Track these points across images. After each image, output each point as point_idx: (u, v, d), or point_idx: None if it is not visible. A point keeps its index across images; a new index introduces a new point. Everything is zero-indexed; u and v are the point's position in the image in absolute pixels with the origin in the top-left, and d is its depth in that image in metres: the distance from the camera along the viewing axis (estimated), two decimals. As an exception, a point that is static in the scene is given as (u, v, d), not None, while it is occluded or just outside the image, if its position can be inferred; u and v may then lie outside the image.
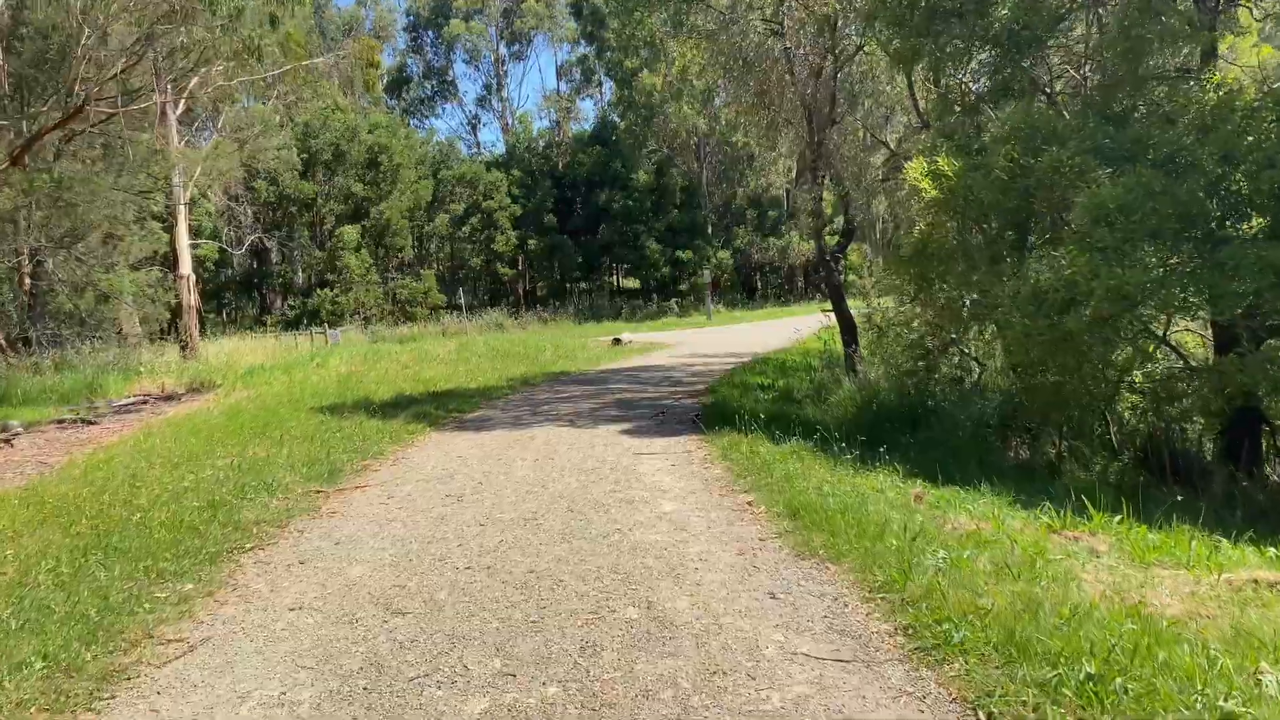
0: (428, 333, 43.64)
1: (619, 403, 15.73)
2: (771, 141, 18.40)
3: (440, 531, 7.55)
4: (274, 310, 50.72)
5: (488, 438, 12.49)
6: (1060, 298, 9.07)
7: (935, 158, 11.09)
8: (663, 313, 50.29)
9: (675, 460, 10.29)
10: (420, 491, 9.22)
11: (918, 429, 10.98)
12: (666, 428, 12.73)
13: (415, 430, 13.32)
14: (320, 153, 47.78)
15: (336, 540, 7.50)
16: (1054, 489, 9.05)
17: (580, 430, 12.77)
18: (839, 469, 9.33)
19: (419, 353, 27.56)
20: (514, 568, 6.43)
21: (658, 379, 19.79)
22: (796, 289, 61.42)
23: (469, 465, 10.52)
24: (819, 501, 7.58)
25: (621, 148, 53.65)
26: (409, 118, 64.10)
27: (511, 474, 9.88)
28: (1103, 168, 9.69)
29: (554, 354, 26.54)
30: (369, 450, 11.76)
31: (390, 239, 48.70)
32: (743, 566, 6.25)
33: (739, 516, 7.65)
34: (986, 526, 7.10)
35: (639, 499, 8.42)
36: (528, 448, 11.51)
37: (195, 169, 28.66)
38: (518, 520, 7.79)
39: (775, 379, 18.46)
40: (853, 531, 6.66)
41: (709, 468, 9.82)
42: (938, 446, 10.33)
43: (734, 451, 10.39)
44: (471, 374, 21.47)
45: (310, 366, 25.07)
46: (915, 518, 7.25)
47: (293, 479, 9.90)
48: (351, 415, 14.75)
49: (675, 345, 30.28)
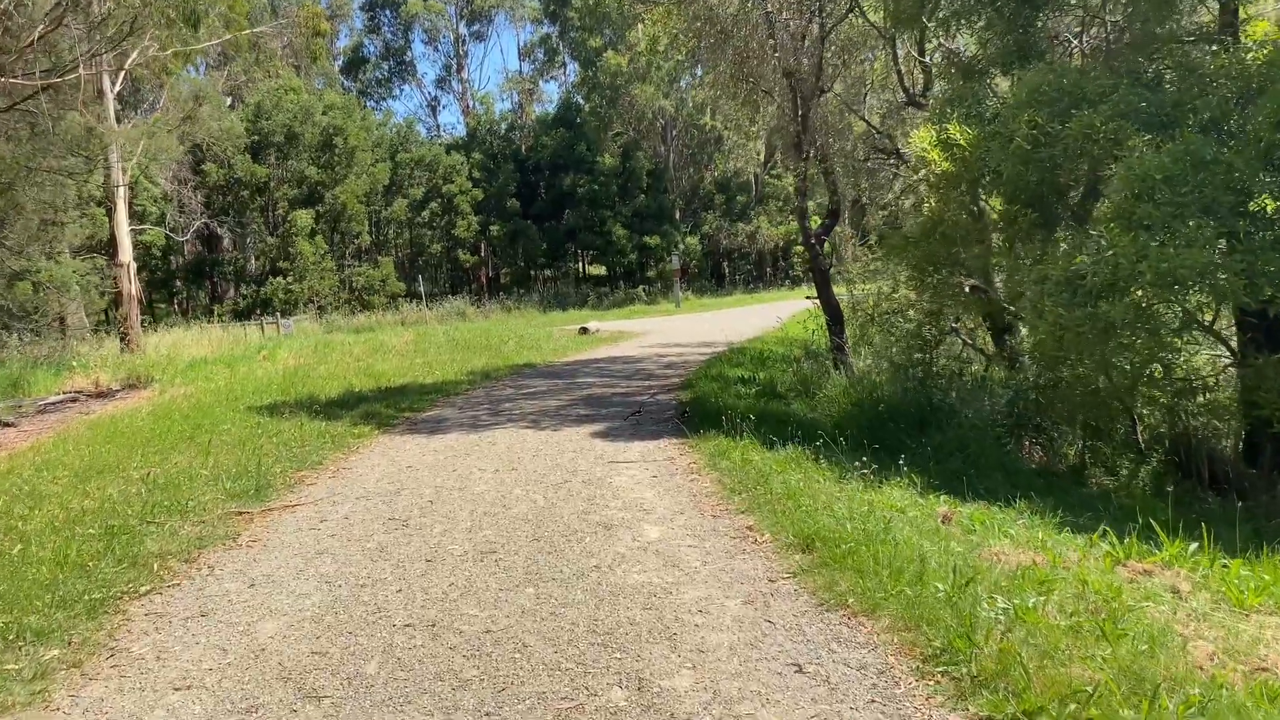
0: (385, 322, 41.99)
1: (588, 400, 14.42)
2: (751, 116, 17.15)
3: (378, 570, 6.21)
4: (225, 299, 48.72)
5: (442, 443, 11.14)
6: (1100, 282, 7.89)
7: (945, 125, 9.87)
8: (630, 300, 48.85)
9: (656, 470, 9.01)
10: (359, 513, 7.87)
11: (926, 430, 9.78)
12: (643, 429, 11.45)
13: (361, 434, 11.95)
14: (272, 134, 45.81)
15: (252, 581, 6.15)
16: (1094, 502, 7.88)
17: (547, 433, 11.46)
18: (846, 481, 8.09)
19: (374, 344, 26.03)
20: (466, 625, 5.12)
21: (629, 372, 18.49)
22: (765, 276, 60.24)
23: (419, 478, 9.17)
24: (834, 528, 6.33)
25: (586, 130, 52.06)
26: (365, 99, 62.02)
27: (467, 489, 8.55)
28: (1140, 134, 8.51)
29: (517, 344, 25.13)
30: (306, 459, 10.38)
31: (346, 224, 46.85)
32: (754, 621, 4.99)
33: (739, 546, 6.37)
34: (1040, 559, 5.89)
35: (618, 522, 7.13)
36: (487, 455, 10.17)
37: (135, 149, 26.87)
38: (473, 554, 6.47)
39: (755, 371, 17.23)
40: (884, 571, 5.41)
41: (696, 479, 8.54)
42: (953, 452, 9.14)
43: (723, 459, 9.12)
44: (428, 367, 20.04)
45: (257, 359, 23.53)
46: (950, 546, 6.03)
47: (213, 496, 8.52)
48: (293, 416, 13.34)
49: (644, 334, 28.96)
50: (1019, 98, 9.53)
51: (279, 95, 46.45)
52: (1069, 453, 10.75)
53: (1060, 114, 9.10)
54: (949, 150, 9.78)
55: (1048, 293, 8.26)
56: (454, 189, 50.30)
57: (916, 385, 10.91)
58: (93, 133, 25.18)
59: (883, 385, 11.62)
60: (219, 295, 50.15)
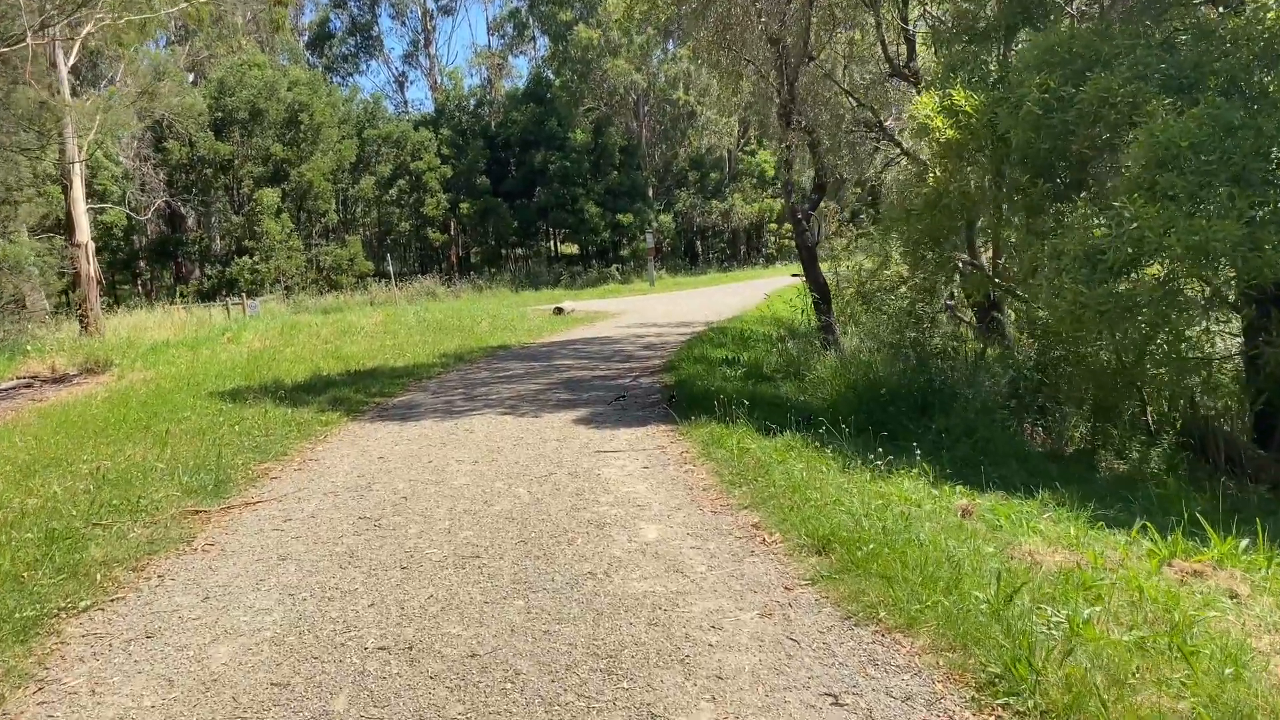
0: (354, 302, 41.02)
1: (568, 383, 13.80)
2: (733, 87, 16.49)
3: (347, 579, 5.59)
4: (190, 280, 47.47)
5: (416, 430, 10.50)
6: (1121, 257, 7.37)
7: (948, 91, 9.28)
8: (604, 279, 48.09)
9: (647, 460, 8.42)
10: (327, 510, 7.23)
11: (929, 414, 9.25)
12: (628, 415, 10.85)
13: (329, 421, 11.28)
14: (236, 111, 44.53)
15: (206, 594, 5.51)
16: (1120, 491, 7.37)
17: (527, 420, 10.83)
18: (852, 471, 7.54)
19: (342, 325, 25.22)
20: (448, 647, 4.51)
21: (608, 353, 17.87)
22: (740, 254, 59.65)
23: (391, 470, 8.53)
24: (850, 525, 5.77)
25: (557, 105, 51.03)
26: (332, 76, 60.57)
27: (445, 483, 7.92)
28: (1160, 97, 7.97)
29: (491, 325, 24.42)
30: (270, 449, 9.70)
31: (313, 203, 45.71)
32: (775, 640, 4.41)
33: (747, 547, 5.80)
34: (1079, 559, 5.36)
35: (611, 520, 6.54)
36: (464, 444, 9.54)
37: (91, 123, 25.79)
38: (453, 559, 5.86)
39: (738, 351, 16.64)
40: (914, 577, 4.86)
41: (691, 470, 7.96)
42: (960, 437, 8.61)
43: (717, 447, 8.54)
44: (399, 349, 19.32)
45: (221, 342, 22.69)
46: (979, 546, 5.49)
47: (168, 493, 7.85)
48: (257, 402, 12.64)
49: (620, 314, 28.32)
50: (1028, 60, 8.96)
51: (243, 71, 45.15)
52: (1074, 435, 10.28)
53: (1074, 76, 8.55)
54: (954, 117, 9.22)
55: (1064, 268, 7.73)
56: (422, 166, 49.21)
57: (916, 365, 10.36)
58: (45, 106, 24.14)
59: (878, 365, 11.08)
60: (183, 276, 48.85)
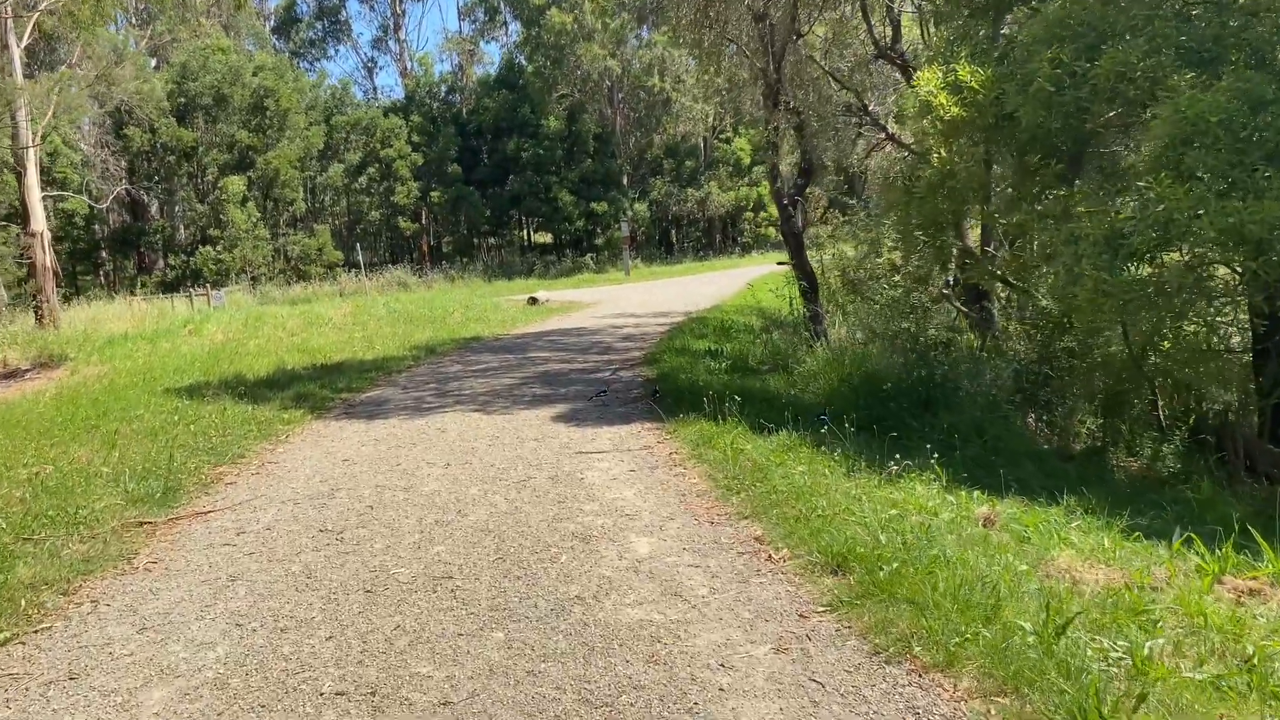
0: (323, 293, 40.15)
1: (545, 377, 13.17)
2: (716, 67, 15.88)
3: (304, 605, 4.96)
4: (154, 270, 46.30)
5: (384, 429, 9.84)
6: (1147, 241, 6.84)
7: (953, 66, 8.72)
8: (578, 269, 47.37)
9: (633, 462, 7.81)
10: (285, 522, 6.58)
11: (932, 410, 8.71)
12: (611, 412, 10.24)
13: (292, 419, 10.60)
14: (199, 96, 43.40)
15: (143, 623, 4.87)
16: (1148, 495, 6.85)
17: (502, 417, 10.20)
18: (858, 474, 6.97)
19: (309, 316, 24.41)
20: (417, 691, 3.89)
21: (585, 345, 17.25)
22: (715, 243, 59.00)
23: (356, 475, 7.88)
24: (866, 540, 5.20)
25: (530, 92, 50.14)
26: (299, 61, 59.33)
27: (414, 488, 7.29)
28: (1182, 71, 7.45)
29: (463, 316, 23.71)
30: (227, 451, 9.03)
31: (279, 191, 44.62)
32: (796, 682, 3.83)
33: (752, 565, 5.21)
34: (1123, 577, 4.82)
35: (598, 532, 5.93)
36: (435, 445, 8.90)
37: (46, 106, 24.80)
38: (423, 579, 5.23)
39: (720, 343, 16.05)
40: (947, 603, 4.29)
41: (682, 473, 7.37)
42: (970, 435, 8.07)
43: (709, 447, 7.95)
44: (368, 342, 18.60)
45: (182, 334, 21.88)
46: (1012, 563, 4.94)
47: (111, 502, 7.17)
48: (215, 399, 11.94)
49: (596, 304, 27.68)
50: (1035, 34, 8.42)
51: (206, 55, 43.99)
52: (1080, 431, 9.79)
53: (1087, 50, 8.02)
54: (958, 94, 8.66)
55: (1083, 253, 7.20)
56: (392, 153, 48.24)
57: (916, 358, 9.81)
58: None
59: (872, 357, 10.53)
60: (146, 266, 47.66)
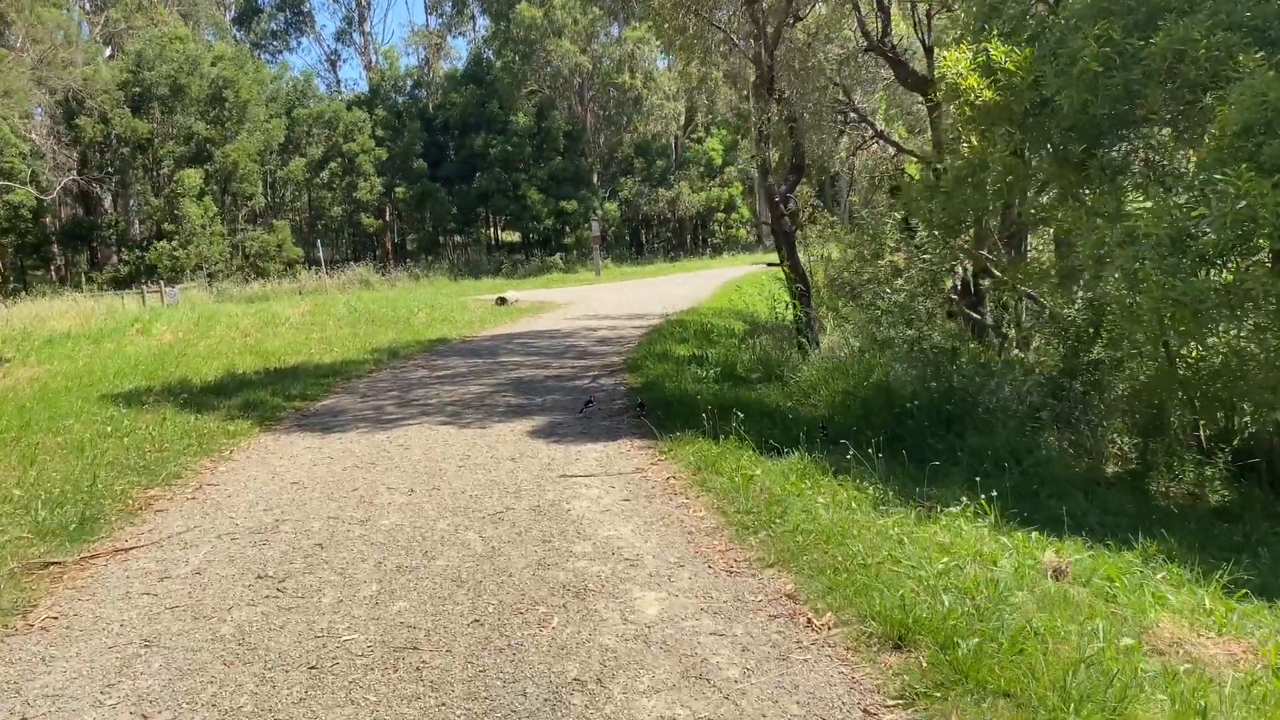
0: (282, 291, 38.75)
1: (519, 384, 12.15)
2: (702, 56, 14.90)
3: (229, 689, 3.92)
4: (106, 266, 44.62)
5: (339, 445, 8.78)
6: (1223, 241, 6.00)
7: (984, 45, 7.83)
8: (547, 269, 46.19)
9: (627, 489, 6.82)
10: (218, 564, 5.53)
11: (955, 429, 7.81)
12: (594, 424, 9.24)
13: (238, 432, 9.52)
14: (155, 86, 41.81)
15: (24, 710, 3.82)
16: (1229, 537, 5.98)
17: (473, 431, 9.17)
18: (886, 506, 6.03)
19: (266, 315, 23.16)
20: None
21: (559, 348, 16.24)
22: (686, 244, 58.07)
23: (306, 501, 6.83)
24: (925, 601, 4.26)
25: (498, 87, 48.91)
26: (260, 53, 57.68)
27: (372, 521, 6.26)
28: (1252, 50, 6.62)
29: (429, 317, 22.57)
30: (161, 470, 7.93)
31: (238, 185, 43.09)
32: (881, 820, 2.87)
33: (790, 635, 4.24)
34: (1254, 655, 3.91)
35: (594, 583, 4.94)
36: (398, 465, 7.86)
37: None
38: (381, 651, 4.22)
39: (703, 348, 15.10)
40: (1054, 697, 3.34)
41: (685, 505, 6.38)
42: (1004, 460, 7.16)
43: (711, 472, 6.98)
44: (326, 343, 17.47)
45: (129, 334, 20.58)
46: (1115, 637, 4.02)
47: (16, 534, 6.09)
48: (156, 407, 10.83)
49: (568, 305, 26.63)
50: (1078, 9, 7.54)
51: (163, 44, 42.43)
52: (1110, 451, 8.95)
53: (1139, 27, 7.18)
54: (991, 76, 7.79)
55: (1144, 255, 6.33)
56: (355, 148, 46.80)
57: (932, 370, 8.87)
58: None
59: (878, 367, 9.63)
60: (99, 261, 45.97)
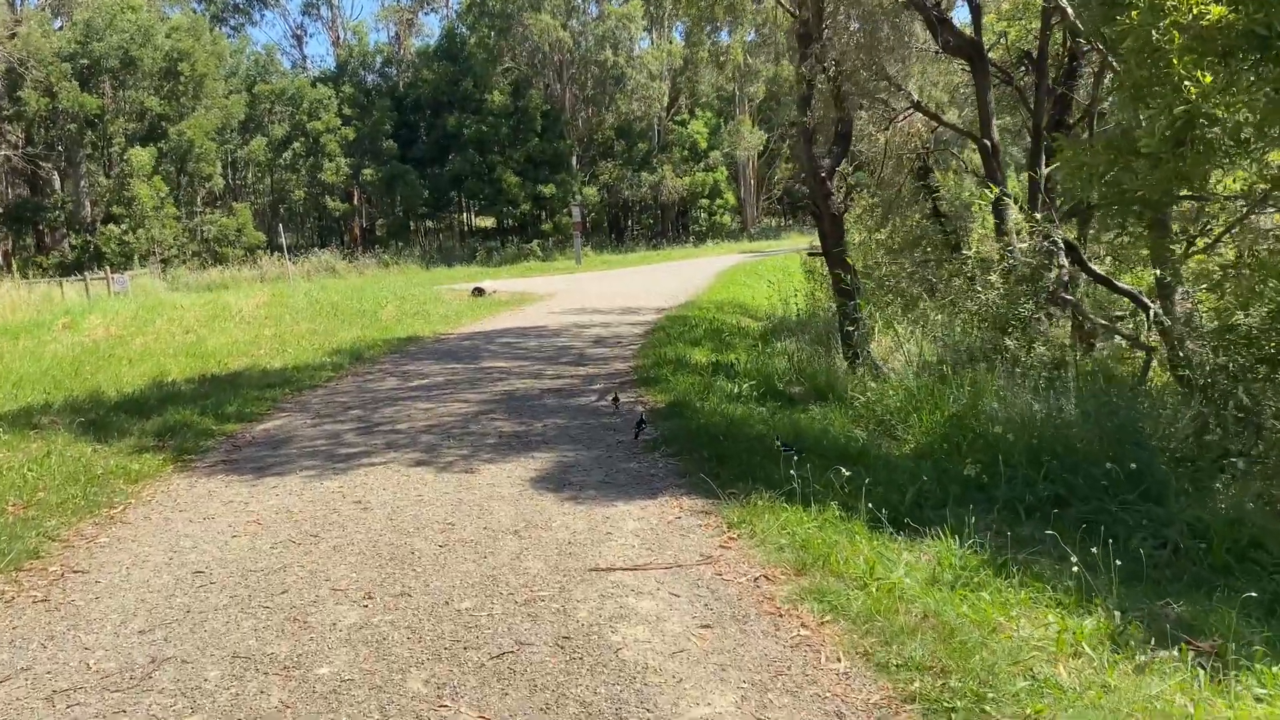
0: (243, 278, 36.00)
1: (510, 400, 9.80)
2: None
3: None
4: (54, 250, 41.67)
5: (275, 499, 6.41)
6: None
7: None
8: (524, 256, 43.61)
9: (697, 600, 4.50)
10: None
11: (1150, 493, 5.54)
12: (617, 466, 6.93)
13: (143, 472, 7.16)
14: (105, 58, 38.90)
15: None
16: None
17: (456, 477, 6.82)
18: (1135, 646, 3.77)
19: (216, 308, 20.53)
20: None
21: (551, 351, 13.87)
22: (668, 232, 55.61)
23: (207, 618, 4.47)
24: None
25: (473, 64, 46.22)
26: (220, 26, 54.60)
27: (303, 667, 3.90)
28: None
29: (399, 310, 20.08)
30: (15, 543, 5.55)
31: (195, 165, 40.23)
32: None
33: None
34: None
35: None
36: (351, 541, 5.50)
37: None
38: None
39: (720, 352, 12.81)
40: None
41: (802, 641, 4.05)
42: (1244, 550, 4.92)
43: (823, 569, 4.68)
44: (280, 342, 15.03)
45: (55, 329, 18.00)
46: None
47: None
48: (49, 431, 8.51)
49: (550, 296, 24.20)
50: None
51: (113, 13, 39.50)
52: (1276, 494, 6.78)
53: None
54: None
55: None
56: (320, 126, 44.01)
57: (1104, 402, 6.42)
58: None
59: (999, 389, 7.33)
60: (46, 246, 43.00)
